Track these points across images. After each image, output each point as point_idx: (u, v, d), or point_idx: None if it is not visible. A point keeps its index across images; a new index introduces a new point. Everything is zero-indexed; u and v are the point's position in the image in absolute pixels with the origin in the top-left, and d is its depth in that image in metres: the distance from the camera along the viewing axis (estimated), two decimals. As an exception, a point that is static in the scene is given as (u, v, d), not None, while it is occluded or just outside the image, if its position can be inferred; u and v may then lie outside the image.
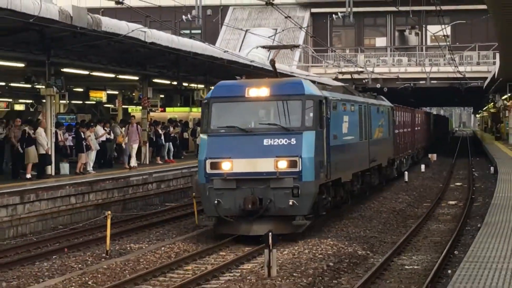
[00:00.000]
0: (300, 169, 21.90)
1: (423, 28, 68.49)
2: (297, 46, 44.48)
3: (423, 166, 58.16)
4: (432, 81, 64.51)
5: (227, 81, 26.89)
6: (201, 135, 25.78)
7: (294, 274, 18.88)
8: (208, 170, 22.55)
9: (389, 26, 71.53)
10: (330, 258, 20.93)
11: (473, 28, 63.10)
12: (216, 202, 22.05)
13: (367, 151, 34.48)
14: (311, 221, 23.78)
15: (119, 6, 31.36)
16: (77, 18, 27.00)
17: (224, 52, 42.52)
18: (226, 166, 22.27)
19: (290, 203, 21.74)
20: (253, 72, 45.11)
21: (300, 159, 21.88)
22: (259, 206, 21.99)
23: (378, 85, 61.39)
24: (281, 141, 22.87)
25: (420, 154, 64.56)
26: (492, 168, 45.60)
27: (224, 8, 62.53)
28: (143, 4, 36.78)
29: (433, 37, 67.98)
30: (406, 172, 48.95)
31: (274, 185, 22.20)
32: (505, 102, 69.53)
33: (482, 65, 63.73)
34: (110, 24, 29.74)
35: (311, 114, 22.97)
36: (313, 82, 32.28)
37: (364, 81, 60.04)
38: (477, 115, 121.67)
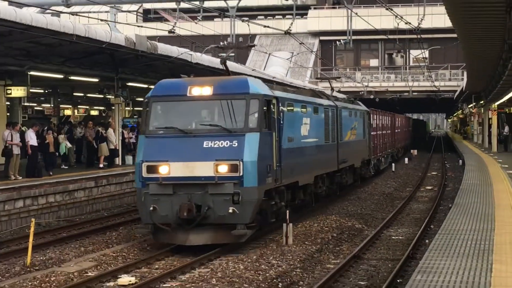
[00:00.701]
0: (242, 173, 16.22)
1: (407, 52, 68.25)
2: (252, 46, 35.02)
3: (406, 159, 57.81)
4: (414, 93, 64.39)
5: (170, 79, 19.95)
6: (139, 137, 19.37)
7: (306, 242, 19.03)
8: (144, 174, 16.73)
9: (381, 50, 71.21)
10: (334, 230, 21.05)
11: (446, 52, 62.65)
12: (151, 208, 16.30)
13: (335, 153, 27.20)
14: (254, 230, 17.52)
15: (171, 35, 31.66)
16: (139, 44, 27.45)
17: (252, 70, 42.43)
18: (163, 170, 16.55)
19: (230, 210, 16.05)
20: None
21: (241, 163, 16.24)
22: (196, 213, 16.28)
23: (372, 96, 61.10)
24: (222, 144, 16.99)
25: (401, 153, 60.06)
26: (460, 161, 45.27)
27: (252, 36, 62.42)
28: (190, 33, 37.01)
29: (415, 59, 68.11)
30: (393, 164, 48.70)
31: (213, 191, 16.45)
32: (471, 109, 69.46)
33: (453, 81, 63.39)
34: (164, 49, 30.21)
35: (256, 115, 17.03)
36: (271, 81, 27.54)
37: (360, 93, 59.89)
38: (448, 120, 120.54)
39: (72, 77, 34.89)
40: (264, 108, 17.56)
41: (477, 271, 10.68)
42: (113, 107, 37.47)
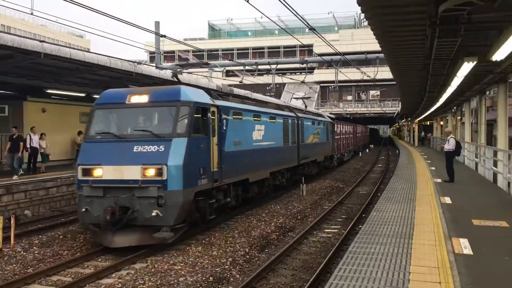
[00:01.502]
0: (166, 177, 10.40)
1: (368, 92, 67.30)
2: (207, 64, 24.81)
3: (367, 150, 57.07)
4: (371, 114, 63.85)
5: (115, 89, 13.10)
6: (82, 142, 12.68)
7: (313, 194, 18.96)
8: (80, 177, 11.04)
9: (353, 91, 70.47)
10: (328, 188, 20.94)
11: (389, 91, 61.63)
12: (83, 209, 10.77)
13: (295, 152, 20.25)
14: (181, 231, 10.85)
15: (240, 83, 31.75)
16: (224, 88, 27.37)
17: (284, 103, 42.24)
18: (96, 173, 10.91)
19: (154, 213, 10.36)
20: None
21: (166, 167, 10.37)
22: (120, 215, 10.32)
23: (348, 116, 60.36)
24: (150, 148, 11.08)
25: (361, 149, 52.32)
26: (397, 151, 44.52)
27: (284, 84, 62.27)
28: (250, 82, 37.10)
29: (372, 95, 68.06)
30: (360, 152, 48.13)
31: (139, 194, 10.64)
32: (403, 123, 69.89)
33: (393, 107, 62.47)
34: (236, 91, 30.12)
35: (186, 121, 11.01)
36: (226, 94, 19.73)
37: (342, 114, 59.24)
38: (391, 128, 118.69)
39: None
40: (198, 115, 11.20)
41: (407, 210, 10.65)
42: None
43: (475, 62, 11.47)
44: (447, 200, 12.01)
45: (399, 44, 11.83)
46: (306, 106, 28.55)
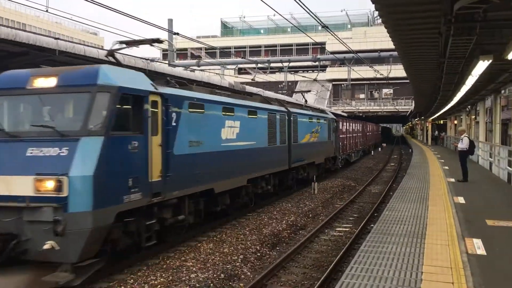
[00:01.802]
0: (67, 193, 6.60)
1: (381, 90, 66.81)
2: (160, 41, 10.17)
3: (379, 148, 56.70)
4: (384, 113, 63.38)
5: (18, 70, 8.40)
6: None
7: (324, 192, 18.91)
8: None
9: (366, 89, 70.05)
10: (339, 186, 20.86)
11: (402, 90, 61.10)
12: None
13: (286, 154, 16.60)
14: (95, 268, 7.33)
15: (252, 81, 31.76)
16: (236, 86, 27.39)
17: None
18: None
19: (47, 245, 6.58)
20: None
21: (66, 178, 6.63)
22: (2, 247, 6.58)
23: (361, 115, 59.98)
24: (48, 151, 7.04)
25: (371, 148, 48.90)
26: (410, 150, 44.18)
27: (296, 82, 62.16)
28: (262, 80, 37.08)
29: (385, 94, 67.65)
30: (372, 151, 47.81)
31: (29, 217, 6.78)
32: (416, 121, 69.23)
33: (406, 105, 61.89)
34: (248, 88, 30.09)
35: (103, 113, 7.17)
36: (178, 78, 13.90)
37: (354, 113, 58.88)
38: (404, 127, 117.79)
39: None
40: (126, 105, 7.90)
41: (420, 209, 10.57)
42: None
43: (490, 61, 11.32)
44: (461, 199, 11.89)
45: (413, 42, 11.73)
46: (306, 101, 23.53)
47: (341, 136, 28.30)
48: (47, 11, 13.35)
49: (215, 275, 8.13)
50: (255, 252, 9.86)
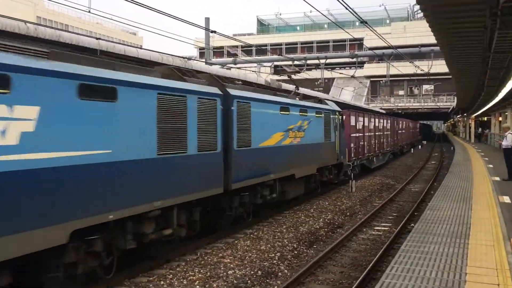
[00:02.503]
0: None
1: (421, 86, 65.25)
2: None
3: (419, 146, 55.42)
4: (424, 109, 61.83)
5: None
6: None
7: (362, 190, 18.68)
8: None
9: (405, 85, 68.59)
10: (378, 185, 20.57)
11: (444, 86, 59.45)
12: None
13: (214, 168, 9.52)
14: None
15: (286, 79, 31.58)
16: (272, 83, 27.38)
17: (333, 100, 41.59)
18: None
19: None
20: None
21: None
22: None
23: (401, 112, 58.76)
24: None
25: (406, 148, 43.01)
26: (452, 147, 42.99)
27: (333, 79, 61.53)
28: (298, 77, 36.85)
29: (426, 90, 66.12)
30: (412, 148, 46.76)
31: None
32: (458, 118, 67.32)
33: (447, 102, 60.21)
34: (284, 86, 30.02)
35: None
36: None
37: (393, 110, 57.75)
38: (445, 124, 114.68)
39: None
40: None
41: (463, 209, 10.28)
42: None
43: (539, 54, 10.86)
44: (506, 199, 11.48)
45: (456, 37, 11.39)
46: (297, 88, 17.79)
47: (354, 135, 22.03)
48: (89, 11, 13.74)
49: (252, 272, 8.17)
50: (292, 250, 9.84)
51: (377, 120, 28.46)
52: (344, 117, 19.83)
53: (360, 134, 23.53)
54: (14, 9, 50.16)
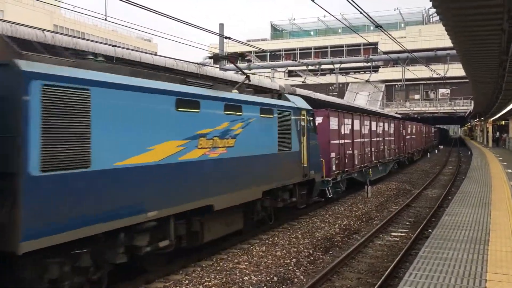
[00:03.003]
0: None
1: (437, 90, 64.66)
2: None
3: (436, 151, 54.79)
4: (441, 114, 61.22)
5: None
6: None
7: (378, 196, 18.51)
8: None
9: (421, 90, 68.00)
10: (394, 190, 20.36)
11: (461, 90, 58.87)
12: None
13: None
14: None
15: (303, 84, 31.63)
16: (286, 88, 27.32)
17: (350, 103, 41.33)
18: None
19: None
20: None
21: None
22: None
23: (416, 116, 58.22)
24: None
25: (416, 156, 37.43)
26: (469, 152, 42.42)
27: (347, 84, 61.29)
28: (312, 82, 36.82)
29: (442, 94, 65.50)
30: (429, 153, 46.19)
31: None
32: (475, 122, 66.53)
33: (465, 106, 59.55)
34: (298, 91, 29.95)
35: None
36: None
37: (409, 114, 57.29)
38: (462, 128, 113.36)
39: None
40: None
41: (481, 215, 10.13)
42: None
43: (558, 57, 10.69)
44: (526, 205, 11.29)
45: (473, 40, 11.27)
46: (248, 77, 12.36)
47: (336, 142, 17.14)
48: (105, 19, 13.94)
49: (268, 278, 8.14)
50: (308, 256, 9.78)
51: (374, 123, 23.03)
52: (318, 118, 15.62)
53: (347, 141, 18.46)
54: (32, 18, 51.10)
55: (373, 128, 22.89)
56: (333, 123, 17.16)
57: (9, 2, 56.65)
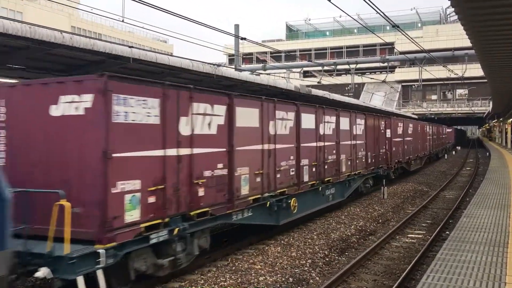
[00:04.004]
0: None
1: (455, 91, 63.82)
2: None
3: (453, 152, 54.11)
4: (458, 114, 60.37)
5: None
6: None
7: (394, 197, 18.37)
8: None
9: (438, 90, 67.21)
10: (410, 191, 20.17)
11: (479, 90, 58.03)
12: None
13: None
14: None
15: (318, 84, 31.51)
16: (302, 88, 27.23)
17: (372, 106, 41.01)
18: None
19: None
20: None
21: None
22: None
23: (433, 116, 57.52)
24: None
25: (416, 163, 28.33)
26: (487, 153, 41.80)
27: (363, 84, 60.88)
28: (328, 83, 36.70)
29: (460, 94, 64.66)
30: (446, 155, 45.57)
31: None
32: (494, 123, 65.39)
33: (483, 106, 58.67)
34: (314, 91, 29.73)
35: None
36: None
37: (426, 115, 56.61)
38: (480, 129, 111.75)
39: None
40: None
41: (501, 217, 9.97)
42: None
43: None
44: (547, 207, 11.07)
45: (492, 40, 11.09)
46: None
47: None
48: (123, 21, 14.06)
49: (283, 279, 8.13)
50: (324, 257, 9.74)
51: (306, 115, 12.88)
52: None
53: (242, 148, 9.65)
54: (51, 19, 51.82)
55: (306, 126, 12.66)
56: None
57: (28, 4, 57.56)
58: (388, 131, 21.44)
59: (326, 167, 13.71)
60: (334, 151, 14.52)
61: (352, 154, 16.01)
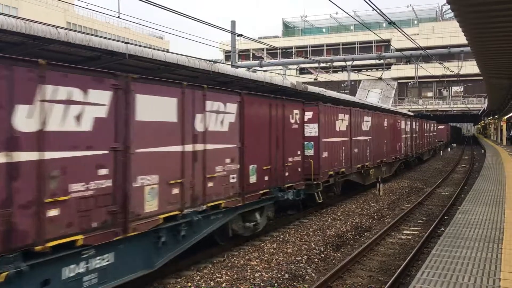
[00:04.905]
0: None
1: (450, 88, 63.94)
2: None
3: (449, 149, 54.27)
4: (454, 111, 60.53)
5: None
6: None
7: (390, 194, 18.42)
8: None
9: (434, 87, 67.32)
10: (406, 188, 20.22)
11: (474, 87, 58.22)
12: None
13: None
14: None
15: (315, 81, 31.50)
16: (298, 86, 27.19)
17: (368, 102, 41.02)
18: None
19: None
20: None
21: None
22: None
23: (429, 114, 57.62)
24: None
25: (393, 166, 23.48)
26: (482, 150, 41.92)
27: (359, 81, 60.93)
28: (324, 79, 36.70)
29: (455, 92, 64.80)
30: (441, 151, 45.71)
31: None
32: (489, 120, 65.62)
33: (478, 104, 58.88)
34: (310, 88, 29.73)
35: None
36: None
37: (422, 112, 56.71)
38: (475, 126, 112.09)
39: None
40: None
41: (495, 213, 10.00)
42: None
43: None
44: (542, 203, 11.13)
45: (488, 37, 11.11)
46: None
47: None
48: (118, 17, 14.01)
49: (279, 275, 8.14)
50: (319, 253, 9.76)
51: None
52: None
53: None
54: (46, 15, 51.52)
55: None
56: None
57: (23, 0, 57.20)
58: (313, 126, 14.90)
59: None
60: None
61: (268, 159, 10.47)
